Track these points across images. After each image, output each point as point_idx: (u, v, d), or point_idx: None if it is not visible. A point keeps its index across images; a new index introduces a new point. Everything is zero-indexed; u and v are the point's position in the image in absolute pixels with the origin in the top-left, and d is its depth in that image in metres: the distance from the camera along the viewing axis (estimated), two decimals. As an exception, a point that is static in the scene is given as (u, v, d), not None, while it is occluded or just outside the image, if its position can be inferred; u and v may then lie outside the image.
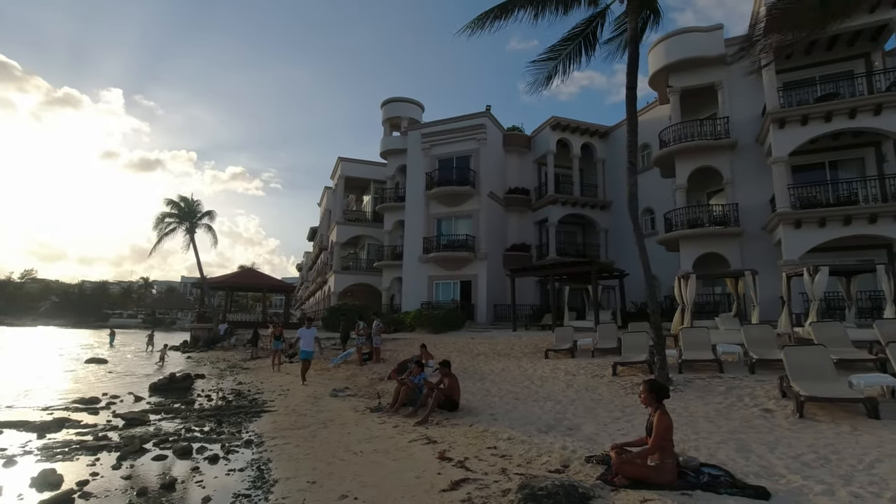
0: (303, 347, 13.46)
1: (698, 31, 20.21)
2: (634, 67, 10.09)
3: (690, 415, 7.15)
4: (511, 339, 17.23)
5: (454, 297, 25.87)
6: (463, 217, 26.83)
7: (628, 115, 10.21)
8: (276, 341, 16.86)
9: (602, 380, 10.13)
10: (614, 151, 27.58)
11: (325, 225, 43.20)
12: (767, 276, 15.81)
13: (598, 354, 12.95)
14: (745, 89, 18.30)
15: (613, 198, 27.60)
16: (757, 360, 9.90)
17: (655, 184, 23.37)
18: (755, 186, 18.51)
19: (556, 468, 4.99)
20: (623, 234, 25.97)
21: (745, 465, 4.76)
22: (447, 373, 8.44)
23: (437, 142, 27.95)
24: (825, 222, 16.05)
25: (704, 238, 18.95)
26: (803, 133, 16.73)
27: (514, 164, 29.44)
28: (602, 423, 6.89)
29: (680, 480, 4.24)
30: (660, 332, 9.47)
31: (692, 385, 9.06)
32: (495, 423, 7.12)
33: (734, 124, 19.32)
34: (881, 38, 17.42)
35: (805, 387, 7.06)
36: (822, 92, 17.68)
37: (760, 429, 6.24)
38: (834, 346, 9.68)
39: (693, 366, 10.46)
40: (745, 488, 4.07)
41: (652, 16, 11.46)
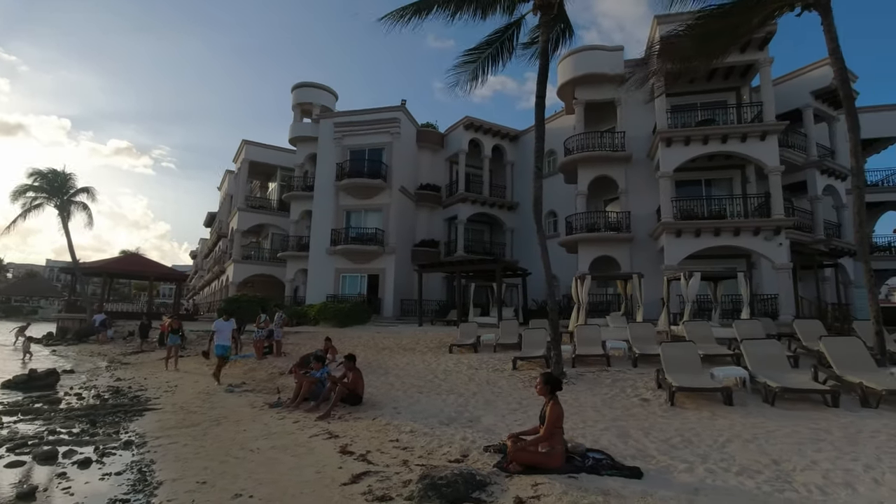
0: (219, 342, 11.91)
1: (603, 50, 21.71)
2: (544, 78, 10.62)
3: (580, 405, 7.71)
4: (417, 333, 17.39)
5: (361, 291, 25.54)
6: (373, 210, 26.54)
7: (536, 122, 10.73)
8: (173, 335, 14.68)
9: (503, 374, 10.57)
10: (523, 155, 28.79)
11: (225, 211, 40.47)
12: (651, 279, 17.45)
13: (500, 349, 13.49)
14: (639, 108, 19.94)
15: (520, 199, 28.78)
16: (639, 355, 10.90)
17: (559, 188, 24.75)
18: (645, 197, 20.29)
19: (456, 458, 5.14)
20: (528, 234, 27.21)
21: (623, 449, 5.24)
22: (351, 366, 8.34)
23: (349, 132, 27.35)
24: (700, 233, 18.00)
25: (600, 242, 20.43)
26: (685, 152, 18.64)
27: (426, 160, 29.65)
28: (501, 414, 7.21)
29: (568, 465, 4.58)
30: (557, 329, 10.11)
31: (583, 378, 9.76)
32: (398, 417, 7.17)
33: (630, 139, 21.02)
34: (749, 75, 19.91)
35: (676, 378, 7.93)
36: (701, 117, 19.79)
37: (638, 416, 6.90)
38: (701, 343, 10.95)
39: (585, 360, 11.26)
40: (623, 469, 4.50)
41: (566, 30, 12.13)
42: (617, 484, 4.14)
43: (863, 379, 7.62)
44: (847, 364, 8.40)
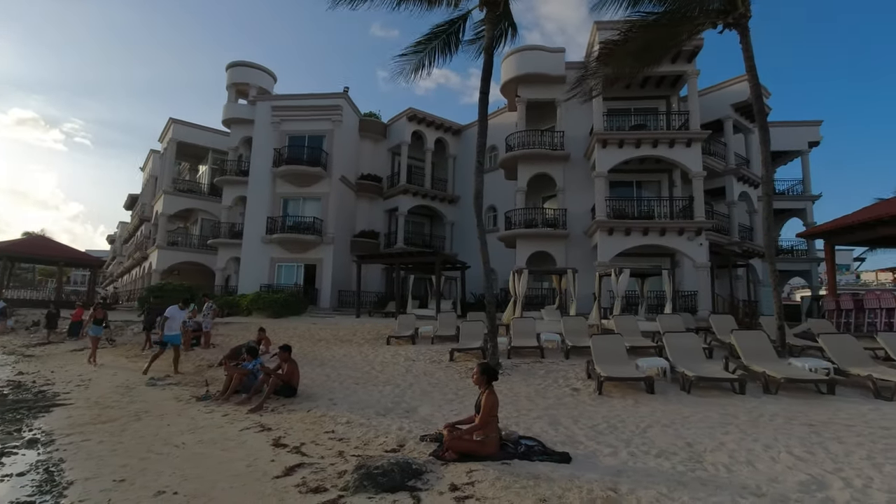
0: (168, 332, 10.88)
1: (545, 51, 22.26)
2: (488, 74, 10.76)
3: (515, 395, 7.94)
4: (354, 325, 17.18)
5: (297, 281, 24.82)
6: (312, 199, 25.83)
7: (480, 118, 10.85)
8: (96, 326, 13.12)
9: (440, 365, 10.68)
10: (466, 149, 29.05)
11: (148, 193, 37.84)
12: (585, 275, 18.20)
13: (438, 341, 13.61)
14: (578, 109, 20.62)
15: (461, 193, 29.06)
16: (571, 347, 11.37)
17: (500, 184, 25.21)
18: (581, 195, 21.11)
19: (392, 448, 5.15)
20: (468, 228, 27.56)
21: (554, 436, 5.46)
22: (286, 357, 8.11)
23: (288, 117, 26.39)
24: (630, 232, 18.98)
25: (537, 238, 21.04)
26: (619, 154, 19.55)
27: (368, 150, 29.22)
28: (437, 404, 7.28)
29: (502, 452, 4.71)
30: (494, 321, 10.33)
31: (518, 369, 10.05)
32: (334, 408, 7.06)
33: (568, 139, 21.74)
34: (678, 85, 21.17)
35: (605, 369, 8.35)
36: (635, 122, 20.84)
37: (569, 405, 7.21)
38: (628, 336, 11.60)
39: (520, 352, 11.60)
40: (553, 455, 4.69)
41: (510, 28, 12.32)
42: (547, 468, 4.32)
43: (766, 368, 8.37)
44: (753, 355, 9.20)
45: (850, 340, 9.59)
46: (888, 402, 7.21)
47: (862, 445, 5.01)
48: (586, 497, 3.66)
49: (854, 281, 48.90)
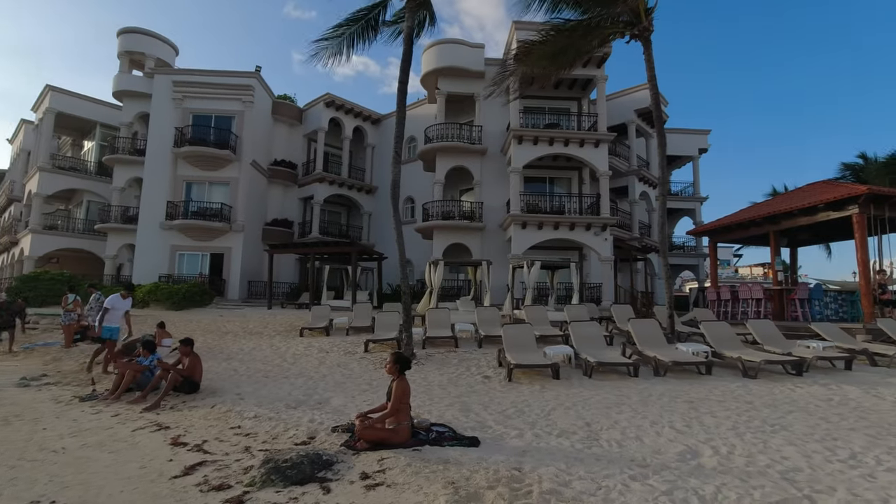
0: (109, 323, 9.33)
1: (466, 45, 22.56)
2: (407, 65, 10.71)
3: (428, 384, 8.06)
4: (265, 317, 16.48)
5: (202, 271, 23.29)
6: (219, 183, 24.26)
7: (398, 108, 10.80)
8: None
9: (354, 356, 10.56)
10: (384, 139, 28.75)
11: (19, 169, 33.19)
12: (499, 267, 18.84)
13: (353, 333, 13.44)
14: (496, 105, 21.15)
15: (379, 183, 28.77)
16: (484, 337, 11.73)
17: (418, 175, 25.27)
18: (497, 189, 21.73)
19: (302, 441, 5.03)
20: (385, 218, 27.38)
21: (465, 422, 5.63)
22: (188, 351, 7.60)
23: (193, 94, 24.50)
24: (542, 226, 19.86)
25: (454, 230, 21.39)
26: (534, 151, 20.36)
27: (282, 134, 27.98)
28: (351, 395, 7.21)
29: (413, 439, 4.78)
30: (409, 312, 10.39)
31: (432, 358, 10.20)
32: (241, 403, 6.75)
33: (486, 133, 22.27)
34: (589, 89, 22.42)
35: (514, 357, 8.72)
36: (549, 121, 21.81)
37: (480, 392, 7.45)
38: (537, 325, 12.19)
39: (435, 342, 11.77)
40: (463, 440, 4.84)
41: (428, 18, 12.33)
42: (456, 453, 4.45)
43: (657, 353, 9.19)
44: (646, 341, 10.05)
45: (725, 327, 10.79)
46: (753, 380, 8.21)
47: (729, 418, 5.69)
48: (492, 477, 3.82)
49: (733, 275, 54.79)
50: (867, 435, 4.99)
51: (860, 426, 5.36)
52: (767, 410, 6.14)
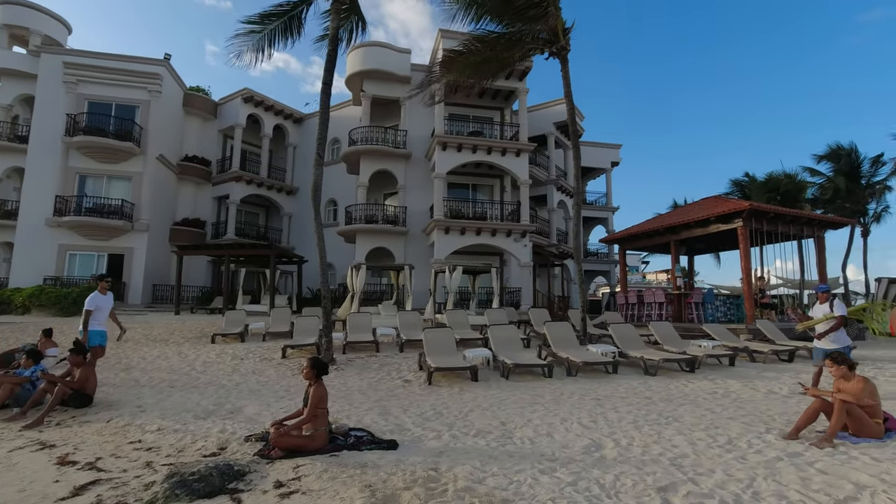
0: (96, 327, 8.02)
1: (392, 49, 22.57)
2: (332, 65, 10.56)
3: (348, 389, 7.96)
4: (172, 323, 15.39)
5: (98, 273, 21.28)
6: (120, 178, 22.32)
7: (321, 109, 10.60)
8: None
9: (271, 362, 10.18)
10: (307, 139, 27.98)
11: None
12: (421, 271, 18.97)
13: (270, 338, 12.94)
14: (421, 110, 21.39)
15: (301, 184, 27.92)
16: (406, 341, 11.76)
17: (342, 178, 24.85)
18: (421, 194, 21.89)
19: (212, 452, 4.78)
20: (306, 221, 26.61)
21: (384, 426, 5.63)
22: (79, 361, 6.93)
23: (89, 78, 22.33)
24: (465, 231, 20.28)
25: (377, 233, 21.25)
26: (458, 158, 20.76)
27: (194, 129, 26.33)
28: (266, 403, 6.95)
29: (330, 445, 4.72)
30: (329, 316, 10.20)
31: (353, 363, 10.07)
32: (142, 416, 6.27)
33: (411, 138, 22.38)
34: (511, 100, 23.26)
35: (435, 360, 8.84)
36: (472, 129, 22.34)
37: (400, 396, 7.48)
38: (458, 329, 12.42)
39: (356, 347, 11.63)
40: (381, 443, 4.85)
41: (360, 24, 12.22)
42: (374, 456, 4.45)
43: (569, 354, 9.72)
44: (560, 343, 10.59)
45: (630, 329, 11.63)
46: (653, 377, 8.93)
47: (630, 413, 6.16)
48: (409, 478, 3.87)
49: (641, 280, 58.91)
50: (742, 423, 5.62)
51: (738, 415, 6.02)
52: (663, 404, 6.72)
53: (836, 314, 7.03)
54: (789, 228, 15.05)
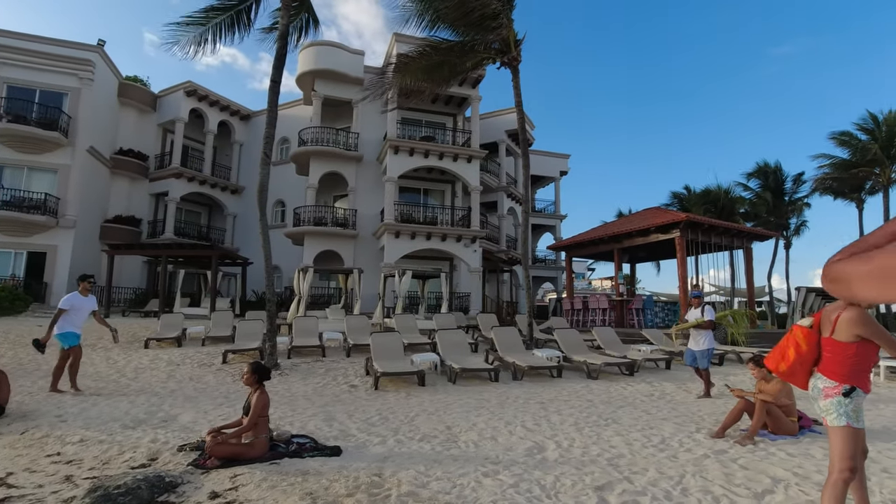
0: (70, 328, 7.60)
1: (346, 50, 22.29)
2: (281, 63, 10.31)
3: (292, 395, 7.74)
4: (101, 326, 14.40)
5: (15, 273, 19.66)
6: (43, 170, 20.73)
7: (269, 107, 10.31)
8: None
9: (210, 368, 9.75)
10: (254, 137, 27.10)
11: None
12: (371, 275, 18.77)
13: (210, 343, 12.39)
14: (374, 113, 21.20)
15: (247, 184, 26.98)
16: (353, 345, 11.59)
17: (290, 178, 24.23)
18: (372, 197, 21.69)
19: (141, 463, 4.51)
20: (252, 221, 25.70)
21: (328, 432, 5.52)
22: (-8, 368, 6.37)
23: (10, 60, 20.60)
24: (415, 236, 20.26)
25: (326, 236, 20.85)
26: (409, 162, 20.75)
27: (130, 121, 24.89)
28: (204, 410, 6.64)
29: (271, 452, 4.56)
30: (274, 319, 9.90)
31: (298, 368, 9.82)
32: (62, 426, 5.82)
33: (363, 140, 22.15)
34: (464, 106, 23.52)
35: (382, 365, 8.75)
36: (425, 133, 22.41)
37: (346, 401, 7.36)
38: (406, 333, 12.36)
39: (301, 351, 11.34)
40: (324, 449, 4.75)
41: (311, 22, 12.01)
42: (317, 463, 4.35)
43: (515, 359, 9.88)
44: (507, 348, 10.76)
45: (575, 334, 12.00)
46: (595, 381, 9.24)
47: (572, 415, 6.34)
48: (352, 484, 3.80)
49: (586, 287, 60.86)
50: (675, 423, 5.92)
51: (671, 416, 6.33)
52: (603, 406, 6.96)
53: (706, 319, 7.57)
54: (721, 239, 16.04)
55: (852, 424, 2.77)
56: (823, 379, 2.92)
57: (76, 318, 7.67)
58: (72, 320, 7.63)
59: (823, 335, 2.98)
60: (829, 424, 2.85)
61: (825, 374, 2.93)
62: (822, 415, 2.91)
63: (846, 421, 2.78)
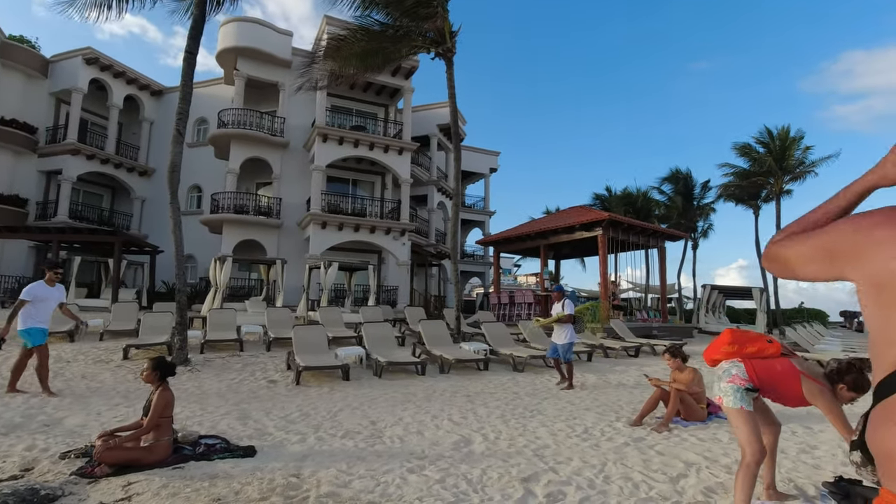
0: (36, 324, 6.55)
1: (272, 29, 21.11)
2: (198, 33, 9.51)
3: (203, 392, 7.16)
4: None
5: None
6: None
7: (183, 80, 9.45)
8: None
9: (108, 365, 8.82)
10: (167, 115, 24.93)
11: None
12: (295, 267, 17.97)
13: (110, 337, 11.25)
14: (302, 98, 20.20)
15: (158, 166, 24.83)
16: (274, 339, 10.99)
17: (209, 162, 22.66)
18: (298, 186, 20.77)
19: (12, 475, 3.89)
20: (163, 207, 23.48)
21: (242, 431, 5.11)
22: None
23: None
24: (343, 227, 19.66)
25: (248, 225, 19.70)
26: (339, 151, 20.08)
27: (15, 87, 21.96)
28: (97, 412, 5.93)
29: (174, 456, 4.12)
30: (184, 312, 9.16)
31: (211, 364, 9.14)
32: (-85, 434, 4.95)
33: (289, 126, 21.13)
34: (396, 98, 23.13)
35: (304, 359, 8.34)
36: (356, 123, 21.79)
37: (263, 397, 6.91)
38: (331, 327, 11.94)
39: (216, 346, 10.60)
40: (237, 450, 4.36)
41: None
42: (227, 465, 3.98)
43: (443, 352, 9.82)
44: (435, 341, 10.67)
45: (501, 327, 12.14)
46: (521, 373, 9.38)
47: (499, 408, 6.34)
48: (266, 487, 3.50)
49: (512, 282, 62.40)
50: (597, 413, 6.09)
51: (593, 406, 6.52)
52: (529, 398, 7.05)
53: (566, 312, 7.95)
54: (639, 239, 16.97)
55: (745, 408, 2.94)
56: (741, 369, 3.04)
57: (41, 311, 6.65)
58: (35, 314, 6.60)
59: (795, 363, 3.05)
60: (725, 406, 3.00)
61: (747, 368, 3.04)
62: (720, 395, 3.05)
63: (741, 404, 2.94)
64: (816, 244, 0.88)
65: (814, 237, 0.90)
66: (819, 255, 0.88)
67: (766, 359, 3.10)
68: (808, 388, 2.91)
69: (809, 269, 0.90)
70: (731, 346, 3.20)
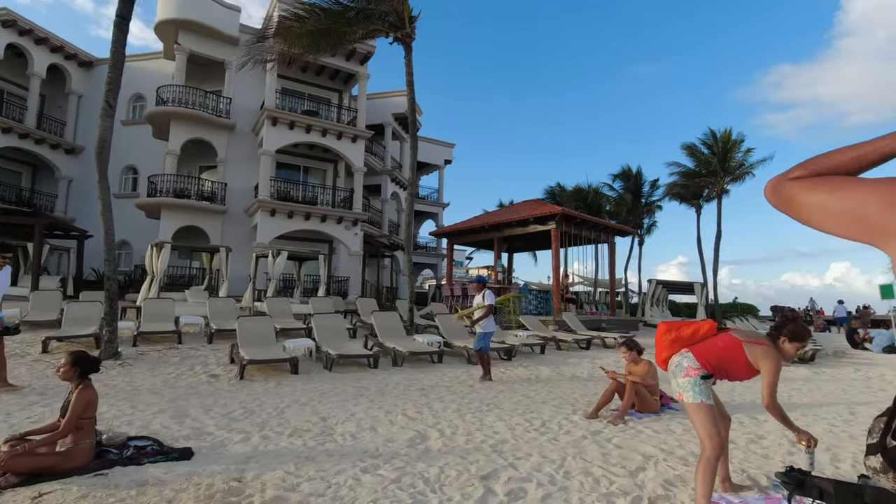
0: None
1: (218, 3, 19.87)
2: (133, -5, 8.71)
3: (134, 389, 6.60)
4: None
5: None
6: None
7: (114, 47, 8.62)
8: None
9: (24, 359, 8.00)
10: (97, 89, 23.08)
11: None
12: (241, 255, 17.12)
13: (29, 329, 10.24)
14: (250, 78, 19.22)
15: (87, 143, 22.90)
16: (216, 331, 10.37)
17: (146, 142, 21.20)
18: (245, 171, 19.76)
19: None
20: (93, 187, 22.00)
21: (178, 431, 4.69)
22: None
23: None
24: (293, 215, 18.91)
25: (189, 210, 18.57)
26: (289, 136, 19.26)
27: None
28: (6, 412, 5.31)
29: (97, 461, 3.68)
30: (114, 301, 8.45)
31: (145, 358, 8.49)
32: None
33: (236, 108, 20.04)
34: (351, 83, 22.44)
35: (249, 352, 7.88)
36: (307, 107, 20.97)
37: (203, 393, 6.43)
38: (279, 318, 11.42)
39: (151, 338, 9.89)
40: (171, 453, 3.97)
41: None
42: (160, 470, 3.59)
43: (395, 344, 9.58)
44: (387, 333, 10.41)
45: (454, 319, 12.01)
46: (475, 366, 9.27)
47: (454, 402, 6.18)
48: (204, 493, 3.17)
49: (465, 274, 62.66)
50: (553, 406, 6.05)
51: (549, 399, 6.49)
52: (484, 392, 6.94)
53: (486, 303, 8.03)
54: (590, 233, 17.29)
55: (705, 402, 2.92)
56: (691, 359, 3.02)
57: None
58: None
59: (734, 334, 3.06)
60: (686, 401, 2.98)
61: (695, 356, 3.03)
62: (679, 391, 3.02)
63: (701, 398, 2.91)
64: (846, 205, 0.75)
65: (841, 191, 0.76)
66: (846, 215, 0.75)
67: (706, 338, 3.12)
68: (752, 353, 2.94)
69: (830, 224, 0.78)
70: (669, 333, 3.21)
